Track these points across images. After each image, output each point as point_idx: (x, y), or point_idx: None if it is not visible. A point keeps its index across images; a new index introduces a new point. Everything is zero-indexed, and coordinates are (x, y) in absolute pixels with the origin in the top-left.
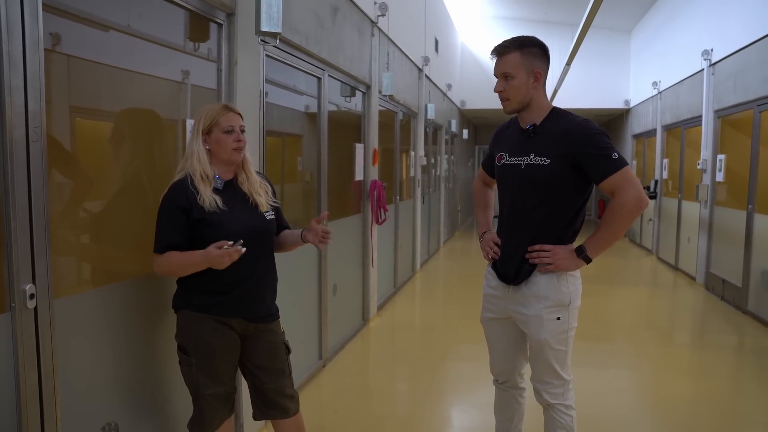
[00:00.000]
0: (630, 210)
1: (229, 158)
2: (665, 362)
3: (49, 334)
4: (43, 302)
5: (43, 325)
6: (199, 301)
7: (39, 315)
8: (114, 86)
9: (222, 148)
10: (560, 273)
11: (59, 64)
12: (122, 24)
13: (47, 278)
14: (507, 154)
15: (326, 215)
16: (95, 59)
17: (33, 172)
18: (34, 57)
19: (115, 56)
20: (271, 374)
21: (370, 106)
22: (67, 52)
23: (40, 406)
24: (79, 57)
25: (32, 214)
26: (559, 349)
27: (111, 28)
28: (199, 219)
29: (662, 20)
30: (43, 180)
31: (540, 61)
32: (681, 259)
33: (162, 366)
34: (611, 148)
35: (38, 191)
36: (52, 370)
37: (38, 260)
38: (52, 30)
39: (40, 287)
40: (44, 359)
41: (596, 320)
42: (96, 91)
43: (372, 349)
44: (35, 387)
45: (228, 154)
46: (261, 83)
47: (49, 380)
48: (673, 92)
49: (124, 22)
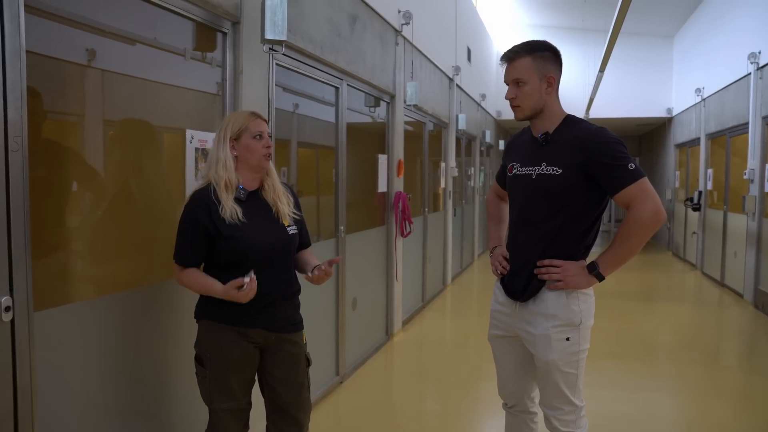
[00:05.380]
0: (646, 224)
1: (259, 164)
2: (708, 387)
3: (28, 348)
4: (21, 315)
5: (21, 340)
6: (219, 311)
7: (16, 328)
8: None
9: (252, 153)
10: (570, 290)
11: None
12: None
13: (27, 290)
14: (518, 164)
15: (339, 260)
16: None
17: (12, 182)
18: (15, 64)
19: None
20: (289, 387)
21: (395, 116)
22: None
23: (15, 427)
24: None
25: (10, 225)
26: (569, 372)
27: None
28: (219, 233)
29: (706, 24)
30: (23, 190)
31: (552, 65)
32: (727, 274)
33: (155, 384)
34: (627, 157)
35: (18, 201)
36: (30, 388)
37: (17, 271)
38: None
39: (18, 299)
40: (21, 376)
41: (634, 339)
42: (98, 98)
43: (395, 365)
44: (9, 406)
45: (258, 160)
46: (270, 92)
47: (26, 399)
48: (718, 99)
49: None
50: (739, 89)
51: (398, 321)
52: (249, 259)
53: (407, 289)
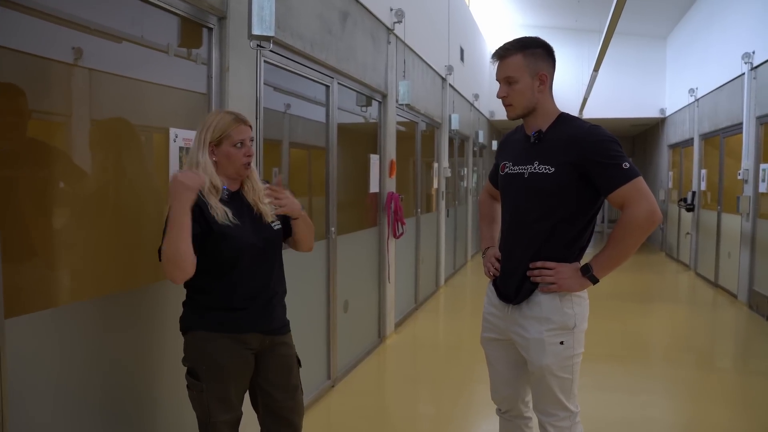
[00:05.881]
0: (641, 225)
1: (237, 173)
2: (704, 389)
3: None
4: None
5: None
6: (212, 318)
7: None
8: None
9: (231, 162)
10: (564, 293)
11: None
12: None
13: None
14: (511, 163)
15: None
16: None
17: None
18: None
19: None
20: (285, 391)
21: (387, 116)
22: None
23: None
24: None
25: None
26: (564, 377)
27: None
28: (211, 230)
29: (700, 24)
30: None
31: (545, 62)
32: (721, 275)
33: (137, 395)
34: (622, 156)
35: None
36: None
37: None
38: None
39: None
40: None
41: (628, 340)
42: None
43: (388, 368)
44: None
45: (236, 169)
46: (257, 90)
47: None
48: (712, 99)
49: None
50: (733, 89)
51: (391, 323)
52: (242, 259)
53: (400, 291)
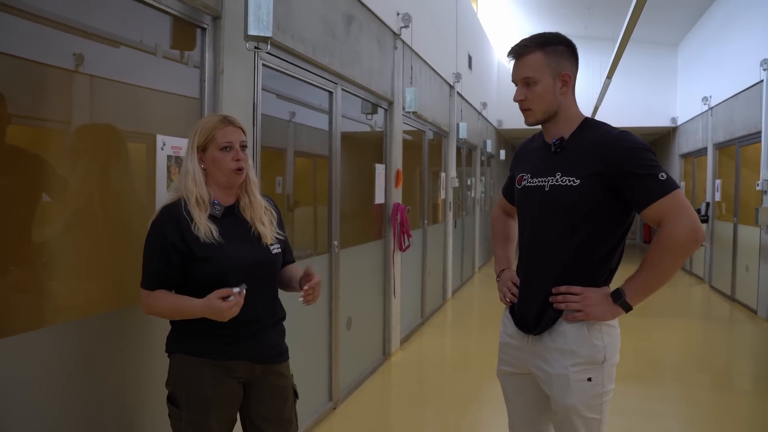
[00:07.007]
0: (683, 244)
1: (228, 180)
2: (723, 412)
3: None
4: None
5: None
6: (196, 344)
7: None
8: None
9: (219, 168)
10: (592, 322)
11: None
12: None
13: None
14: (529, 174)
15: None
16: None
17: None
18: None
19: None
20: (276, 426)
21: (393, 124)
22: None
23: None
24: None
25: None
26: (592, 418)
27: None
28: (193, 254)
29: (713, 31)
30: None
31: (568, 61)
32: (738, 289)
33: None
34: (657, 166)
35: None
36: None
37: None
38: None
39: None
40: None
41: (641, 358)
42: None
43: (393, 387)
44: None
45: (226, 175)
46: (255, 94)
47: None
48: (727, 107)
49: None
50: (750, 97)
51: (396, 339)
52: (228, 282)
53: (405, 305)
